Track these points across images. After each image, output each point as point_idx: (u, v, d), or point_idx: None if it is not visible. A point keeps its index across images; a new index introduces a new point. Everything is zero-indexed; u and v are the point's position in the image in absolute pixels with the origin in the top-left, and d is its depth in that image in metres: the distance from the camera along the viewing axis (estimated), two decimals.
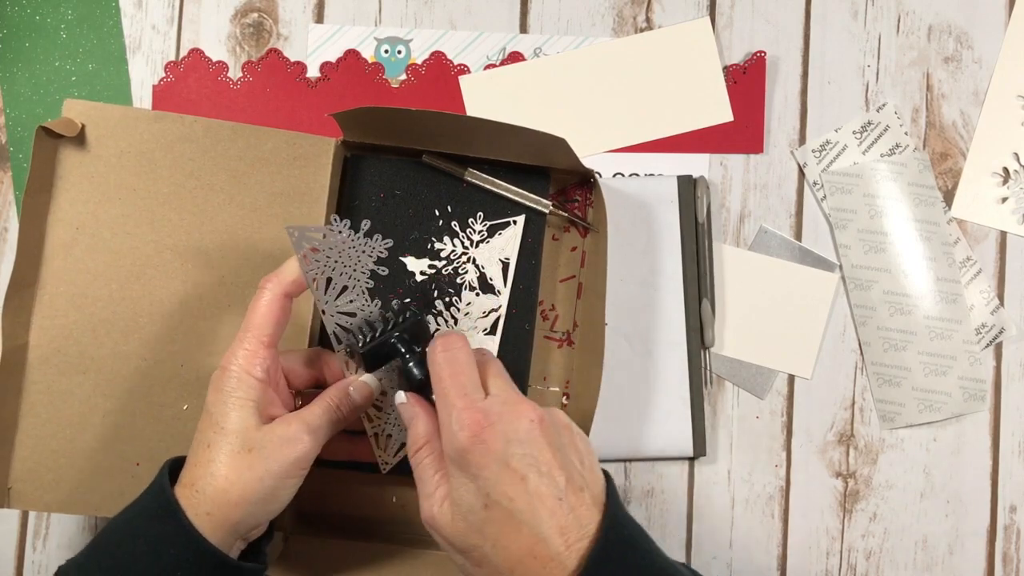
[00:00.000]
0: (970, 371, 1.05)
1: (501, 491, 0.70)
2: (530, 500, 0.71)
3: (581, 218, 1.03)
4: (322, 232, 0.83)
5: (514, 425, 0.72)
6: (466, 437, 0.71)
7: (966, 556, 1.05)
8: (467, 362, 0.76)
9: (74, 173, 0.95)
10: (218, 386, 0.80)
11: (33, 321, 0.94)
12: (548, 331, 1.04)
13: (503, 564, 0.72)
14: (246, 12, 1.08)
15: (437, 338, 0.78)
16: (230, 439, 0.78)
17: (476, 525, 0.72)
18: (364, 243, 0.85)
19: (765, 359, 1.06)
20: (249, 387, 0.79)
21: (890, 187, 1.06)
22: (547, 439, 0.72)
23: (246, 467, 0.78)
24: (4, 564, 1.04)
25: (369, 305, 0.86)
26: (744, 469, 1.05)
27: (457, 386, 0.74)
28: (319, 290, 0.83)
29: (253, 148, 0.97)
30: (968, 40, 1.08)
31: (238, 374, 0.80)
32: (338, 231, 0.84)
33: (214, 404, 0.80)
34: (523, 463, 0.71)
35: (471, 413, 0.71)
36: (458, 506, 0.72)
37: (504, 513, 0.71)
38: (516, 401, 0.74)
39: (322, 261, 0.83)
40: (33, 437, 0.94)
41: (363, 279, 0.85)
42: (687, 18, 1.08)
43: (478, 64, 1.08)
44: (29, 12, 1.07)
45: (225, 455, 0.78)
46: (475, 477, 0.71)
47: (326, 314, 0.84)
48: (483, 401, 0.73)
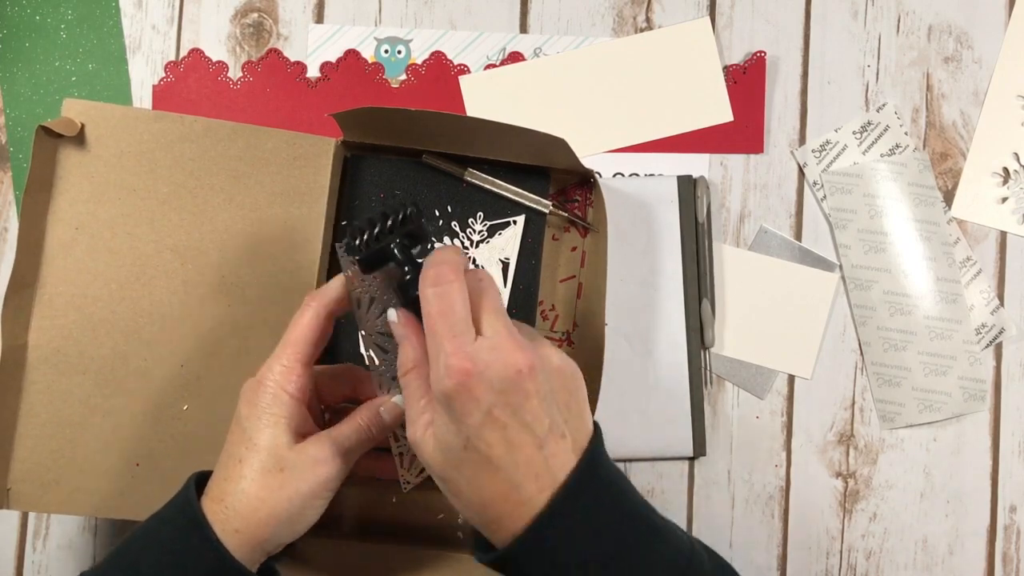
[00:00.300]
0: (970, 371, 1.05)
1: (481, 437, 0.70)
2: (508, 448, 0.70)
3: (581, 218, 1.03)
4: None
5: (501, 374, 0.70)
6: (452, 384, 0.69)
7: (966, 556, 1.05)
8: (459, 299, 0.72)
9: (74, 173, 0.95)
10: (252, 400, 0.80)
11: (33, 321, 0.94)
12: (548, 331, 1.04)
13: (476, 501, 0.72)
14: (246, 12, 1.08)
15: (428, 268, 0.73)
16: (262, 456, 0.78)
17: (454, 462, 0.72)
18: None
19: (765, 359, 1.06)
20: (283, 404, 0.79)
21: (890, 187, 1.06)
22: (534, 386, 0.71)
23: (277, 486, 0.77)
24: (4, 564, 1.04)
25: None
26: (744, 469, 1.05)
27: (446, 326, 0.71)
28: (362, 309, 0.82)
29: (253, 148, 0.97)
30: (968, 40, 1.08)
31: (274, 390, 0.79)
32: None
33: (248, 419, 0.79)
34: (506, 412, 0.70)
35: (458, 359, 0.69)
36: (439, 440, 0.72)
37: (482, 457, 0.71)
38: (507, 347, 0.71)
39: (368, 281, 0.81)
40: (33, 437, 0.94)
41: None
42: (687, 18, 1.08)
43: (478, 64, 1.08)
44: (29, 12, 1.07)
45: (257, 472, 0.77)
46: (458, 421, 0.70)
47: (365, 333, 0.83)
48: (472, 344, 0.71)
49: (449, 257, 0.74)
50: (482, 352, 0.71)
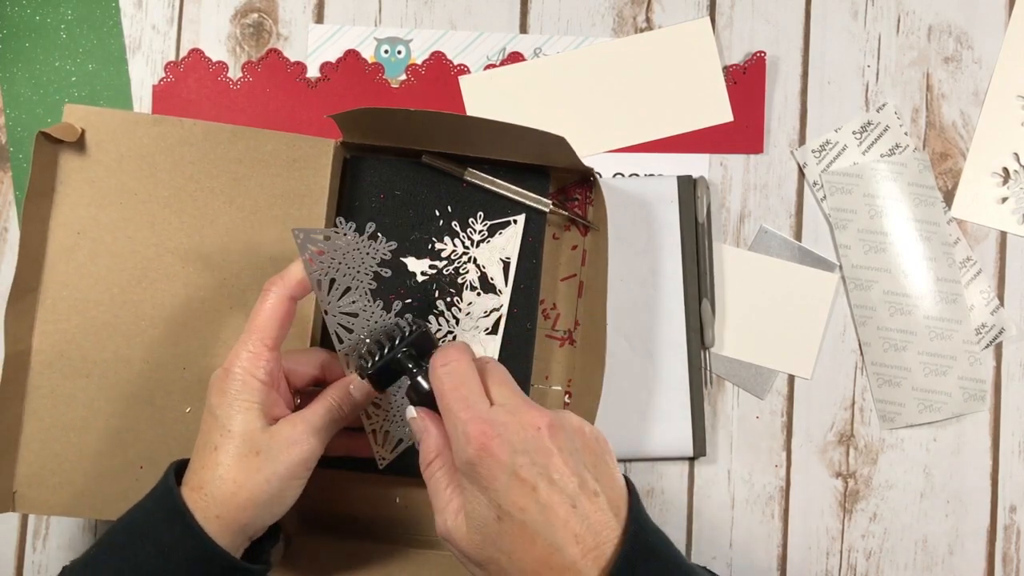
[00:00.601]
0: (970, 371, 1.05)
1: (512, 502, 0.69)
2: (542, 510, 0.69)
3: (581, 217, 1.03)
4: (326, 234, 0.83)
5: (521, 434, 0.70)
6: (473, 450, 0.69)
7: (966, 556, 1.06)
8: (468, 372, 0.75)
9: (74, 178, 0.95)
10: (222, 388, 0.80)
11: (36, 326, 0.94)
12: (550, 330, 1.04)
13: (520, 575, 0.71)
14: (246, 12, 1.08)
15: (436, 354, 0.77)
16: (236, 442, 0.78)
17: (491, 538, 0.71)
18: (368, 245, 0.84)
19: (765, 359, 1.06)
20: (253, 390, 0.80)
21: (890, 187, 1.06)
22: (556, 445, 0.71)
23: (254, 469, 0.78)
24: (4, 564, 1.05)
25: (371, 306, 0.85)
26: (744, 469, 1.06)
27: (459, 399, 0.73)
28: (323, 291, 0.83)
29: (253, 151, 0.97)
30: (968, 40, 1.08)
31: (242, 376, 0.80)
32: (343, 233, 0.83)
33: (219, 407, 0.80)
34: (532, 472, 0.69)
35: (476, 424, 0.70)
36: (472, 519, 0.71)
37: (517, 524, 0.69)
38: (522, 409, 0.72)
39: (327, 263, 0.82)
40: (37, 441, 0.94)
41: (366, 280, 0.85)
42: (687, 18, 1.08)
43: (478, 64, 1.08)
44: (29, 12, 1.07)
45: (232, 458, 0.78)
46: (485, 489, 0.70)
47: (328, 314, 0.83)
48: (488, 411, 0.72)
49: (454, 344, 0.78)
50: (499, 415, 0.71)
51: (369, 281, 0.85)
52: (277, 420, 0.81)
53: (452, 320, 1.00)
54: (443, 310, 1.00)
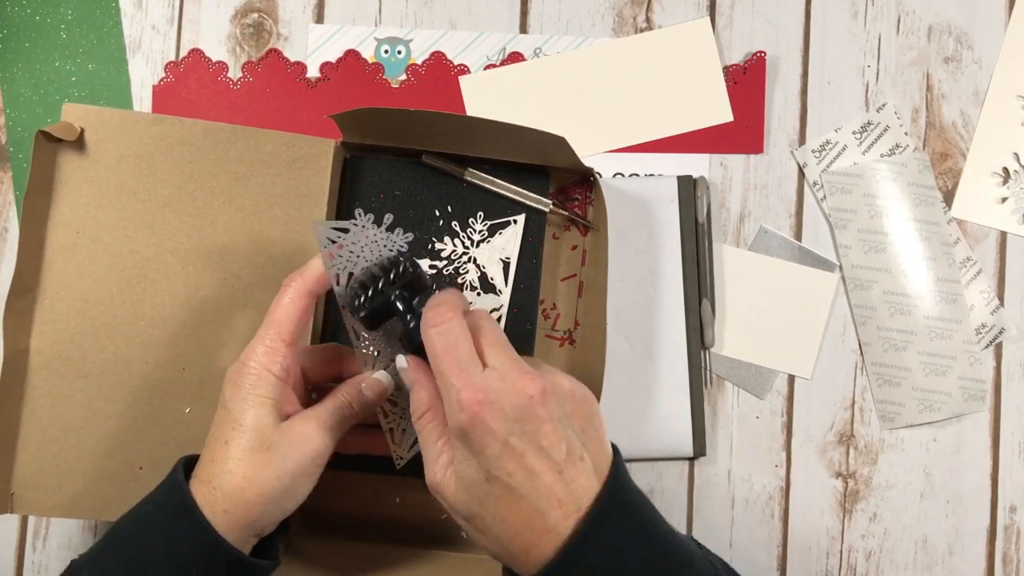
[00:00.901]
0: (970, 371, 1.05)
1: (501, 467, 0.70)
2: (529, 476, 0.71)
3: (581, 217, 1.03)
4: (345, 227, 0.82)
5: (513, 401, 0.71)
6: (466, 417, 0.70)
7: (966, 556, 1.06)
8: (461, 334, 0.74)
9: (74, 177, 0.95)
10: (236, 382, 0.80)
11: (34, 326, 0.94)
12: (550, 330, 1.04)
13: (503, 534, 0.72)
14: (246, 12, 1.08)
15: (428, 310, 0.76)
16: (248, 437, 0.78)
17: (478, 497, 0.72)
18: (386, 237, 0.84)
19: (765, 359, 1.06)
20: (268, 384, 0.80)
21: (890, 187, 1.06)
22: (548, 412, 0.72)
23: (264, 465, 0.78)
24: (4, 564, 1.05)
25: None
26: (744, 469, 1.06)
27: (452, 362, 0.72)
28: (341, 286, 0.82)
29: (252, 150, 0.97)
30: (968, 40, 1.08)
31: (257, 371, 0.80)
32: (362, 225, 0.83)
33: (232, 400, 0.80)
34: (522, 440, 0.71)
35: (469, 392, 0.70)
36: (461, 478, 0.73)
37: (504, 488, 0.71)
38: (515, 374, 0.72)
39: (345, 257, 0.82)
40: (35, 442, 0.94)
41: None
42: (687, 18, 1.08)
43: (478, 64, 1.08)
44: (29, 12, 1.07)
45: (243, 452, 0.78)
46: (476, 454, 0.71)
47: (346, 310, 0.83)
48: (481, 376, 0.72)
49: (447, 298, 0.76)
50: (491, 382, 0.71)
51: None
52: (290, 416, 0.81)
53: None
54: None
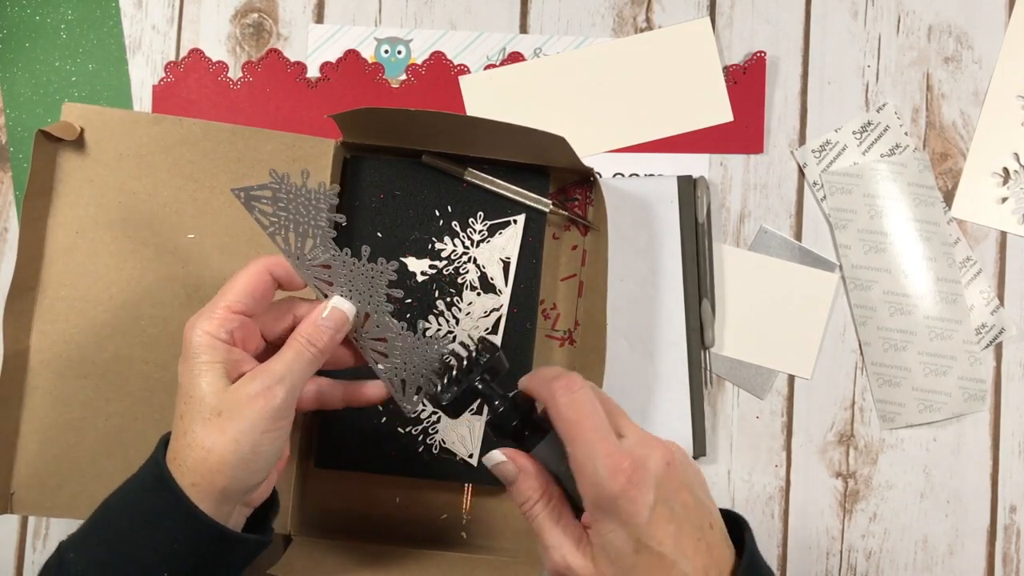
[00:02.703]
0: (970, 371, 1.05)
1: (651, 535, 0.69)
2: (677, 542, 0.69)
3: (581, 217, 1.03)
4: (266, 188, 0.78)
5: (656, 469, 0.70)
6: (619, 485, 0.68)
7: (966, 556, 1.05)
8: (594, 402, 0.73)
9: (74, 177, 0.95)
10: (183, 355, 0.77)
11: (34, 326, 0.95)
12: (550, 330, 1.04)
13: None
14: (246, 12, 1.08)
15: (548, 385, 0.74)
16: (198, 406, 0.75)
17: (625, 569, 0.70)
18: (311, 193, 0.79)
19: (765, 359, 1.06)
20: (213, 349, 0.76)
21: (890, 187, 1.06)
22: (680, 478, 0.71)
23: (218, 432, 0.74)
24: (4, 564, 1.05)
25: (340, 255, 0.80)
26: (744, 469, 1.06)
27: (595, 429, 0.71)
28: (286, 245, 0.78)
29: (252, 150, 0.97)
30: (968, 40, 1.08)
31: (201, 338, 0.76)
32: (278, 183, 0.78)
33: (182, 374, 0.77)
34: (667, 506, 0.70)
35: (618, 459, 0.69)
36: (605, 551, 0.71)
37: (655, 556, 0.69)
38: (650, 442, 0.72)
39: (280, 218, 0.78)
40: (35, 442, 0.94)
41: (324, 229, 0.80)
42: (687, 18, 1.08)
43: (478, 64, 1.08)
44: (29, 12, 1.07)
45: (197, 424, 0.75)
46: (625, 523, 0.69)
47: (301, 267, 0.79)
48: (623, 444, 0.71)
49: (561, 370, 0.75)
50: (636, 449, 0.70)
51: (327, 229, 0.80)
52: None
53: (452, 320, 1.00)
54: (443, 310, 1.00)
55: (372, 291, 0.81)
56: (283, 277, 0.80)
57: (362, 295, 0.81)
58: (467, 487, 1.03)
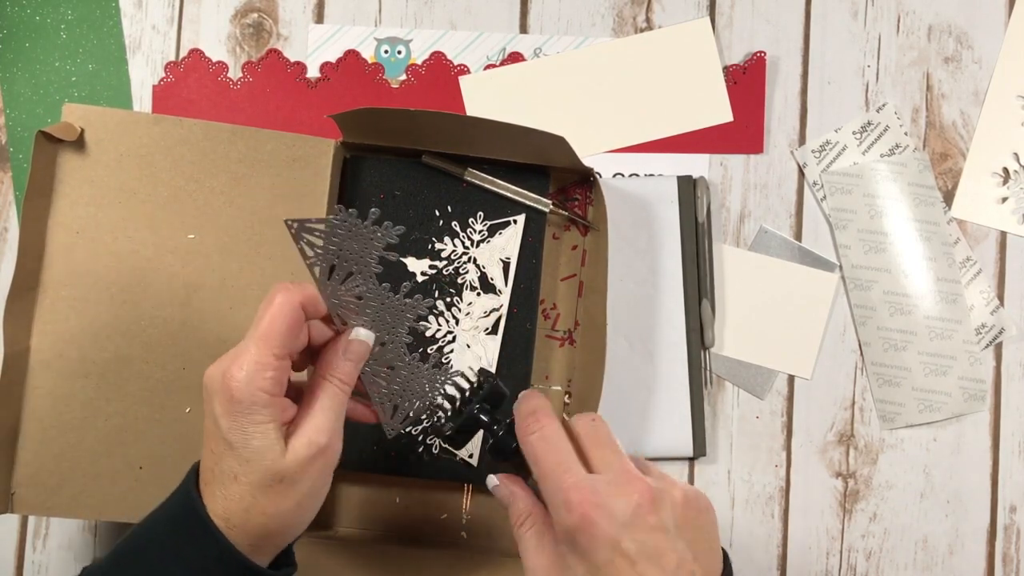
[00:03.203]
0: (970, 371, 1.05)
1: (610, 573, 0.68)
2: None
3: (581, 217, 1.03)
4: (326, 222, 0.76)
5: (623, 506, 0.68)
6: (575, 519, 0.68)
7: (966, 556, 1.05)
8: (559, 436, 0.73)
9: (74, 177, 0.95)
10: (228, 407, 0.72)
11: (34, 326, 0.95)
12: (550, 330, 1.04)
13: None
14: (246, 12, 1.08)
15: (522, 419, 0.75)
16: (259, 472, 0.73)
17: None
18: (372, 231, 0.78)
19: (765, 359, 1.06)
20: (263, 406, 0.72)
21: (890, 187, 1.06)
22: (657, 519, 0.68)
23: (282, 498, 0.73)
24: (4, 564, 1.05)
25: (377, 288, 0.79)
26: (744, 469, 1.06)
27: (556, 464, 0.71)
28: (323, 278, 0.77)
29: (253, 150, 0.97)
30: (968, 40, 1.08)
31: (249, 393, 0.72)
32: (342, 220, 0.77)
33: (230, 431, 0.72)
34: (633, 547, 0.67)
35: (578, 493, 0.68)
36: None
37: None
38: (625, 479, 0.70)
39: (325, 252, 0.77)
40: (36, 442, 0.94)
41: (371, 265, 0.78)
42: (687, 18, 1.08)
43: (478, 64, 1.08)
44: (29, 12, 1.07)
45: (257, 490, 0.73)
46: (583, 558, 0.68)
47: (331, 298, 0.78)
48: (589, 479, 0.70)
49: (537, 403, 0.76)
50: (599, 484, 0.69)
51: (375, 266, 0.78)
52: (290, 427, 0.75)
53: (452, 320, 1.00)
54: (443, 310, 1.00)
55: (396, 322, 0.81)
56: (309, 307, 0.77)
57: (385, 325, 0.80)
58: (467, 487, 1.03)
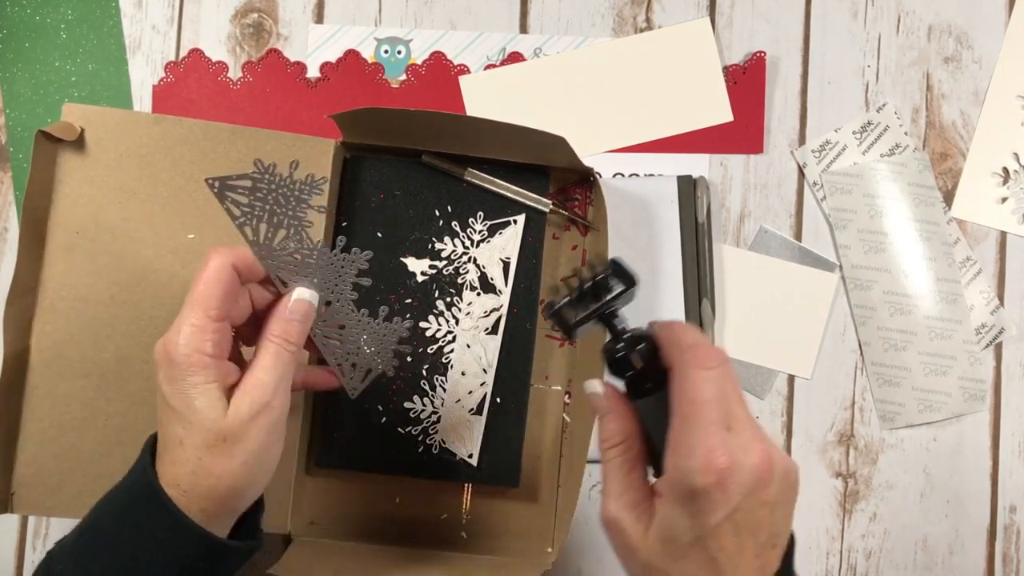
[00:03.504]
0: (970, 371, 1.05)
1: (716, 537, 0.67)
2: (736, 553, 0.67)
3: (581, 216, 1.03)
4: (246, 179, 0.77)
5: (750, 477, 0.66)
6: (710, 481, 0.65)
7: (966, 556, 1.06)
8: (730, 388, 0.69)
9: (74, 177, 0.95)
10: (170, 373, 0.73)
11: (34, 326, 0.95)
12: (550, 330, 1.04)
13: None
14: (246, 12, 1.08)
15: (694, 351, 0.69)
16: (202, 433, 0.73)
17: (673, 554, 0.68)
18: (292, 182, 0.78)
19: (765, 359, 1.06)
20: (203, 368, 0.73)
21: (890, 187, 1.06)
22: (768, 494, 0.67)
23: (227, 457, 0.73)
24: (4, 564, 1.05)
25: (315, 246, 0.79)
26: None
27: (714, 417, 0.67)
28: (255, 236, 0.77)
29: (252, 150, 0.97)
30: (968, 40, 1.08)
31: (188, 355, 0.72)
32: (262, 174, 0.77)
33: (172, 395, 0.73)
34: (744, 516, 0.66)
35: (718, 456, 0.65)
36: (662, 529, 0.69)
37: (707, 557, 0.67)
38: (756, 449, 0.67)
39: (255, 208, 0.77)
40: (36, 442, 0.94)
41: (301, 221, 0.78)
42: (687, 18, 1.08)
43: (478, 64, 1.08)
44: (29, 12, 1.07)
45: (202, 451, 0.73)
46: (694, 516, 0.67)
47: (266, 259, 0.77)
48: (729, 440, 0.66)
49: (698, 334, 0.72)
50: (737, 451, 0.66)
51: (305, 221, 0.78)
52: (234, 387, 0.75)
53: (452, 320, 1.00)
54: (443, 310, 1.00)
55: (339, 280, 0.80)
56: (244, 270, 0.77)
57: (328, 284, 0.80)
58: (467, 487, 1.02)
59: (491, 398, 1.00)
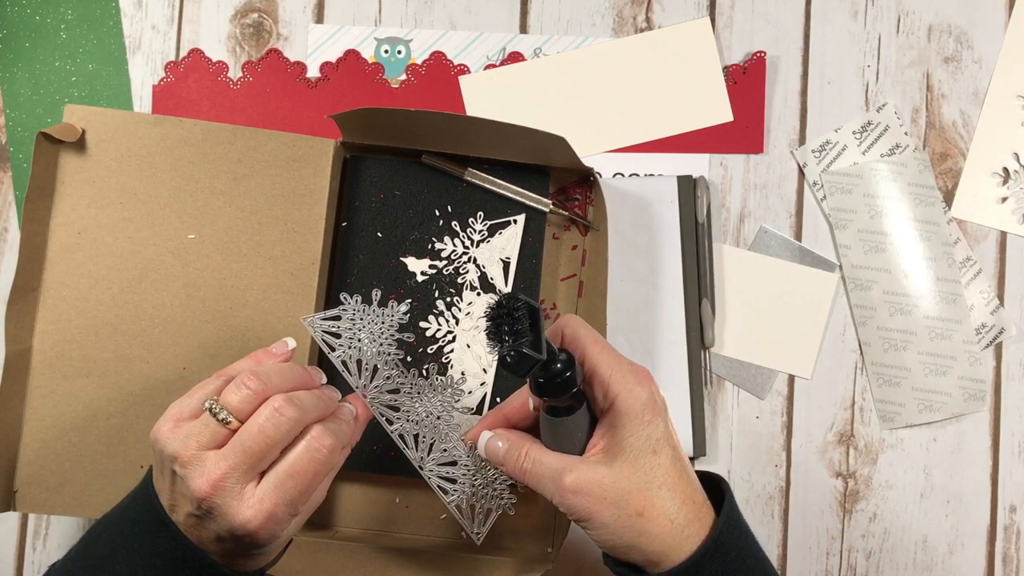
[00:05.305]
0: (970, 371, 1.05)
1: (668, 438, 0.77)
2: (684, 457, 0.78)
3: (581, 217, 1.03)
4: (337, 314, 0.82)
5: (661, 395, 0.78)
6: (648, 393, 0.76)
7: (966, 556, 1.06)
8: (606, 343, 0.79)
9: (75, 178, 0.95)
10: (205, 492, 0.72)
11: (36, 326, 0.95)
12: None
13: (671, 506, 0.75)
14: (246, 12, 1.08)
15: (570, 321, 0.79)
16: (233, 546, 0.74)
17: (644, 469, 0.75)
18: (380, 312, 0.83)
19: (765, 359, 1.06)
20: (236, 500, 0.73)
21: (890, 187, 1.06)
22: None
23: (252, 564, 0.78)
24: (4, 564, 1.05)
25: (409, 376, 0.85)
26: (744, 469, 1.06)
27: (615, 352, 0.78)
28: (354, 375, 0.82)
29: (253, 150, 0.97)
30: (968, 40, 1.08)
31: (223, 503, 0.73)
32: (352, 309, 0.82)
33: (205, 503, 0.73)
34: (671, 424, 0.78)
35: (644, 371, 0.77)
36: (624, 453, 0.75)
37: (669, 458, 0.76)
38: None
39: (346, 344, 0.81)
40: (37, 441, 0.94)
41: (392, 350, 0.83)
42: (687, 18, 1.08)
43: (478, 64, 1.08)
44: (29, 12, 1.07)
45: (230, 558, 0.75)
46: (647, 425, 0.75)
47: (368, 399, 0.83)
48: None
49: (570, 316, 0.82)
50: None
51: (395, 351, 0.83)
52: None
53: (452, 320, 1.00)
54: (443, 310, 1.00)
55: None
56: None
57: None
58: None
59: (491, 398, 1.00)
